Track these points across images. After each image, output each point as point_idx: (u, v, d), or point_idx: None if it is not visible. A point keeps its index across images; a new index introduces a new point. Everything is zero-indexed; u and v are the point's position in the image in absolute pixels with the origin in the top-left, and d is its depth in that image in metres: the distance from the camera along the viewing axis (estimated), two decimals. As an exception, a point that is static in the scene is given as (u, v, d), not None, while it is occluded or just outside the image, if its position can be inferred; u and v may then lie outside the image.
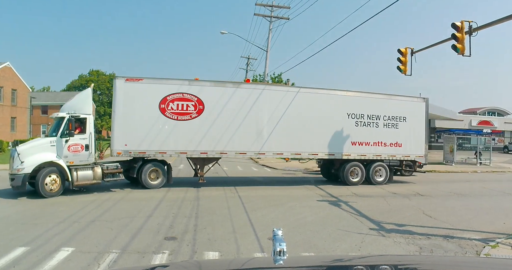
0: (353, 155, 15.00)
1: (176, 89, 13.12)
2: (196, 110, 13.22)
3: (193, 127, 13.13)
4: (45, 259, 5.91)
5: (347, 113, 14.97)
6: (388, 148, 15.49)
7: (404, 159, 16.09)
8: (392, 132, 15.54)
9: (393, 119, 15.62)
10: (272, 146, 13.98)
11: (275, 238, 1.79)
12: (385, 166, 15.71)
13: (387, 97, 15.85)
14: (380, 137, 15.34)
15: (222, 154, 13.65)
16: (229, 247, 6.80)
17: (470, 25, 10.40)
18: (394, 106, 15.68)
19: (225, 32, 29.93)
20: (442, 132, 34.65)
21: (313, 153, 14.64)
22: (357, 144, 15.00)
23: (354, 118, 15.04)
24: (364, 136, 15.10)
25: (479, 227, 8.82)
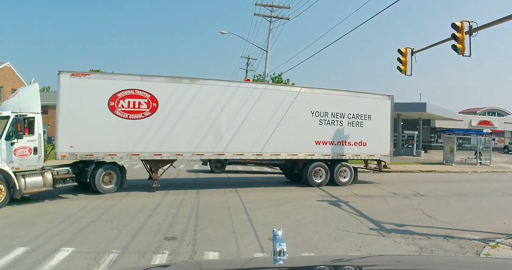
0: (317, 155, 14.37)
1: (127, 85, 12.00)
2: (149, 108, 12.16)
3: (146, 127, 12.11)
4: (45, 259, 5.91)
5: (311, 111, 14.29)
6: (352, 147, 14.97)
7: (369, 158, 15.78)
8: (357, 130, 15.04)
9: (358, 117, 15.08)
10: (233, 146, 13.15)
11: (275, 238, 1.79)
12: (349, 166, 15.28)
13: (352, 95, 15.26)
14: (344, 136, 14.83)
15: (178, 156, 12.75)
16: (229, 247, 6.80)
17: (470, 25, 10.40)
18: (359, 104, 15.15)
19: (225, 32, 29.92)
20: (442, 132, 34.59)
21: (275, 153, 13.85)
22: (321, 144, 14.39)
23: (318, 116, 14.39)
24: (328, 135, 14.52)
25: (479, 227, 8.83)
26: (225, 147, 13.04)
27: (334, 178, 14.83)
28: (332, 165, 14.91)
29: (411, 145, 35.66)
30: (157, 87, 12.29)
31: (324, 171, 14.73)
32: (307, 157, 14.29)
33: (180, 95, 12.48)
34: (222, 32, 29.82)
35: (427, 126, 42.82)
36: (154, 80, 12.37)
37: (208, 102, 12.82)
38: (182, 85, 12.65)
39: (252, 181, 16.55)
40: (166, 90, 12.40)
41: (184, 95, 12.53)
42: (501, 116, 53.38)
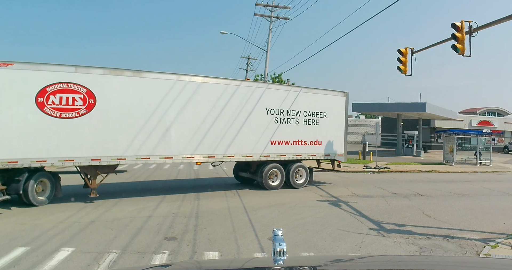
0: (272, 156, 13.43)
1: (58, 78, 10.06)
2: (85, 105, 10.25)
3: (82, 127, 10.23)
4: (45, 259, 5.92)
5: (266, 108, 13.22)
6: (308, 146, 14.21)
7: (324, 158, 15.16)
8: (312, 129, 14.30)
9: (313, 115, 14.32)
10: (182, 148, 11.66)
11: (275, 238, 1.79)
12: (305, 166, 14.53)
13: (308, 91, 14.40)
14: (300, 135, 14.00)
15: (119, 161, 10.90)
16: (229, 247, 6.80)
17: (470, 25, 10.41)
18: (314, 101, 14.41)
19: (225, 32, 29.93)
20: (442, 132, 34.60)
21: (229, 155, 12.54)
22: (277, 143, 13.45)
23: (274, 114, 13.39)
24: (284, 134, 13.61)
25: (479, 227, 8.83)
26: (174, 149, 11.52)
27: (290, 179, 14.03)
28: (288, 166, 14.05)
29: (411, 145, 35.65)
30: (95, 80, 10.46)
31: (280, 173, 13.82)
32: (262, 158, 13.25)
33: (122, 90, 10.82)
34: (222, 32, 29.85)
35: (427, 126, 42.83)
36: (90, 72, 10.45)
37: (154, 97, 11.23)
38: (124, 78, 10.88)
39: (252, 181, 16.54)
40: (106, 83, 10.61)
41: (127, 90, 10.88)
42: (501, 116, 53.38)
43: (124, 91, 10.88)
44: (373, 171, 21.56)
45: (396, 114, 36.30)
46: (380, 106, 38.69)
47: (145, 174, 17.36)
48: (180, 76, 11.77)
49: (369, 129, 59.29)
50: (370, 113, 53.27)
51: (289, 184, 14.05)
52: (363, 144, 30.41)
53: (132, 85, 11.02)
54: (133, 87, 11.03)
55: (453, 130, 31.65)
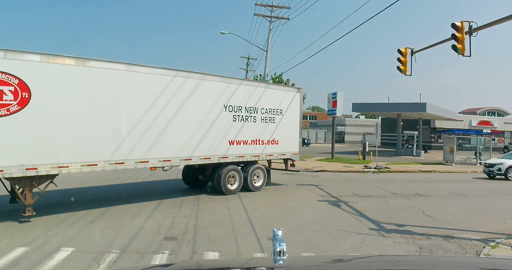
0: (231, 157, 12.36)
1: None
2: (17, 100, 8.16)
3: (12, 128, 8.10)
4: (45, 259, 5.92)
5: (225, 105, 12.08)
6: (265, 146, 13.40)
7: (281, 157, 14.46)
8: (269, 127, 13.52)
9: (270, 112, 13.55)
10: (135, 151, 9.92)
11: (275, 238, 1.79)
12: (263, 168, 13.71)
13: (264, 86, 13.71)
14: (258, 133, 13.13)
15: (60, 169, 8.78)
16: (229, 247, 6.80)
17: (470, 25, 10.40)
18: (271, 97, 13.63)
19: (225, 32, 29.92)
20: (442, 132, 34.61)
21: (186, 158, 11.11)
22: (235, 143, 12.41)
23: (232, 112, 12.29)
24: (242, 133, 12.64)
25: (479, 227, 8.83)
26: (126, 153, 9.76)
27: (248, 182, 13.02)
28: (245, 168, 13.16)
29: (411, 145, 35.66)
30: (30, 69, 8.39)
31: (238, 176, 12.75)
32: (221, 161, 12.09)
33: (64, 82, 8.84)
34: (222, 32, 29.83)
35: (427, 126, 42.83)
36: (24, 58, 8.35)
37: (102, 91, 9.40)
38: (66, 67, 8.87)
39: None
40: (43, 73, 8.59)
41: (70, 82, 8.93)
42: (501, 116, 53.38)
43: (66, 83, 8.87)
44: (373, 171, 21.56)
45: (396, 114, 36.30)
46: (380, 106, 38.70)
47: (145, 175, 17.37)
48: (131, 66, 9.90)
49: (369, 129, 59.32)
50: (370, 113, 53.27)
51: (246, 187, 13.01)
52: (363, 144, 30.41)
53: (77, 75, 9.03)
54: (78, 78, 9.04)
55: (453, 130, 31.65)
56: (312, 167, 22.87)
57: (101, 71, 9.42)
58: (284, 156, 14.41)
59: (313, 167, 22.87)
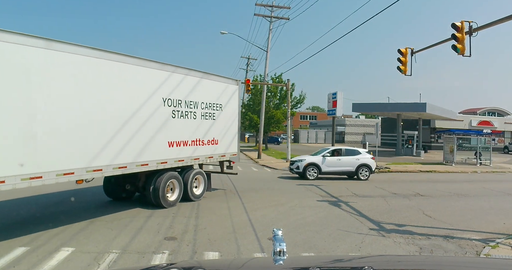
0: (170, 162, 10.18)
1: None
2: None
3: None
4: (45, 259, 5.92)
5: (163, 98, 9.88)
6: (206, 147, 11.62)
7: (221, 159, 12.84)
8: (209, 125, 11.74)
9: (210, 107, 11.75)
10: (55, 159, 7.20)
11: (275, 238, 1.79)
12: (203, 172, 11.96)
13: (204, 76, 11.55)
14: (198, 132, 11.27)
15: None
16: (229, 247, 6.80)
17: (470, 25, 10.40)
18: (211, 90, 11.82)
19: (225, 32, 29.93)
20: (442, 132, 34.61)
21: (120, 165, 8.61)
22: (175, 145, 10.31)
23: (171, 106, 10.17)
24: (182, 131, 10.61)
25: (479, 227, 8.83)
26: (41, 160, 6.95)
27: (188, 191, 10.97)
28: (183, 174, 11.13)
29: (411, 145, 35.66)
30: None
31: (178, 184, 10.70)
32: (159, 167, 9.85)
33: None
34: (222, 32, 29.85)
35: (427, 126, 42.83)
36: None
37: (13, 77, 6.57)
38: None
39: (252, 181, 16.53)
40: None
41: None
42: (501, 116, 53.38)
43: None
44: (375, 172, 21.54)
45: (396, 114, 36.31)
46: (380, 106, 38.70)
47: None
48: (51, 42, 7.12)
49: (369, 129, 59.32)
50: (370, 113, 53.25)
51: (186, 196, 10.94)
52: (363, 144, 30.42)
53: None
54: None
55: (453, 130, 31.65)
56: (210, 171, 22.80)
57: (8, 47, 6.46)
58: (223, 157, 12.77)
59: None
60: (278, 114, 37.94)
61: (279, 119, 38.37)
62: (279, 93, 39.06)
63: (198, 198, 11.39)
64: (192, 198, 11.12)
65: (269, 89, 37.25)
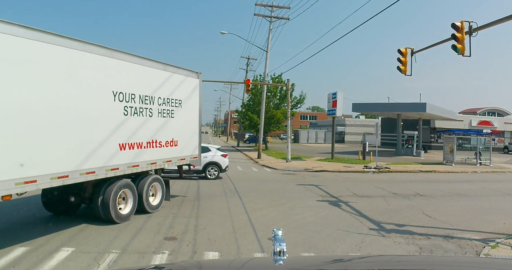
0: (123, 168, 8.54)
1: None
2: None
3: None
4: (45, 259, 5.92)
5: (114, 92, 8.24)
6: (164, 149, 10.03)
7: (181, 163, 11.24)
8: (168, 123, 10.19)
9: (169, 103, 10.22)
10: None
11: (275, 238, 1.79)
12: (160, 179, 10.26)
13: (162, 68, 10.03)
14: (155, 132, 9.70)
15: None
16: (229, 247, 6.80)
17: (470, 25, 10.41)
18: (169, 83, 10.29)
19: (225, 33, 29.93)
20: (442, 132, 34.62)
21: (60, 175, 6.95)
22: (128, 148, 8.66)
23: (123, 101, 8.51)
24: (136, 131, 9.01)
25: (479, 227, 8.84)
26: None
27: (143, 201, 9.30)
28: (138, 182, 9.44)
29: (411, 145, 35.65)
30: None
31: (131, 194, 8.99)
32: (109, 174, 8.17)
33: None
34: (222, 32, 29.85)
35: (427, 126, 42.83)
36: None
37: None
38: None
39: (252, 181, 16.55)
40: None
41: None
42: (501, 116, 53.39)
43: None
44: (373, 171, 21.56)
45: (396, 114, 36.31)
46: (380, 106, 38.70)
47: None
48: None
49: (369, 129, 59.33)
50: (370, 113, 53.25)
51: (141, 207, 9.31)
52: (363, 144, 30.42)
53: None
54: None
55: (453, 130, 31.64)
56: (312, 167, 22.89)
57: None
58: (183, 161, 11.15)
59: (313, 167, 22.89)
60: (278, 114, 37.94)
61: (279, 119, 38.38)
62: (279, 93, 39.06)
63: (155, 209, 9.71)
64: (148, 210, 9.44)
65: (269, 89, 37.24)
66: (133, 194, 9.06)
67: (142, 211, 9.34)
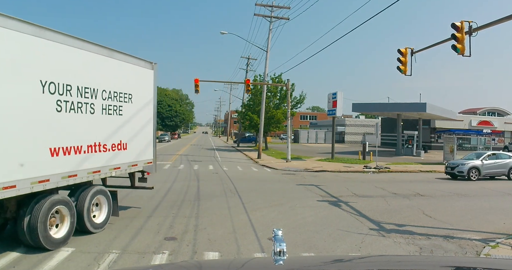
0: (55, 179, 6.66)
1: None
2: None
3: None
4: (45, 259, 5.93)
5: (42, 81, 6.41)
6: (110, 154, 8.21)
7: (132, 170, 9.33)
8: (114, 122, 8.39)
9: (116, 97, 8.40)
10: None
11: (275, 238, 1.79)
12: (106, 191, 8.25)
13: (108, 54, 8.21)
14: (98, 133, 7.86)
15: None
16: (229, 247, 6.80)
17: (470, 25, 10.41)
18: (116, 73, 8.56)
19: (225, 33, 29.94)
20: (442, 132, 34.67)
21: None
22: (62, 153, 6.81)
23: (55, 94, 6.64)
24: (74, 132, 7.13)
25: (479, 227, 8.84)
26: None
27: (84, 219, 7.32)
28: (76, 196, 7.46)
29: (411, 145, 35.67)
30: None
31: (68, 212, 6.92)
32: (36, 189, 6.30)
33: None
34: (222, 32, 29.86)
35: (427, 126, 42.84)
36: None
37: None
38: None
39: (252, 181, 16.55)
40: None
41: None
42: (501, 116, 53.41)
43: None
44: (373, 171, 21.56)
45: (396, 114, 36.32)
46: (380, 106, 38.72)
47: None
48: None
49: (369, 129, 59.34)
50: (370, 113, 53.26)
51: (82, 227, 7.33)
52: (363, 144, 30.43)
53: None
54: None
55: (453, 130, 31.70)
56: (312, 167, 22.89)
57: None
58: (135, 167, 9.32)
59: (313, 167, 22.89)
60: (278, 114, 37.95)
61: (279, 119, 38.38)
62: (279, 93, 39.06)
63: (100, 228, 7.74)
64: (90, 230, 7.46)
65: (269, 89, 37.23)
66: (70, 212, 6.97)
67: (83, 231, 7.39)
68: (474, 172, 18.85)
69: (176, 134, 79.20)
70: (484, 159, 19.21)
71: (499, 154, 20.46)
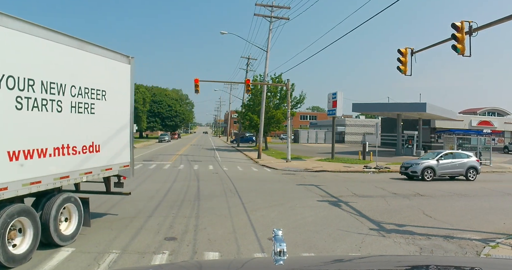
0: (15, 187, 5.81)
1: None
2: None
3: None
4: (45, 259, 5.93)
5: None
6: (80, 157, 7.37)
7: (107, 175, 8.47)
8: (85, 121, 7.56)
9: (87, 94, 7.56)
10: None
11: (275, 238, 1.79)
12: (76, 198, 7.34)
13: (77, 46, 7.35)
14: (66, 133, 7.03)
15: None
16: (229, 247, 6.80)
17: (470, 25, 10.40)
18: (88, 67, 7.75)
19: (225, 33, 29.94)
20: (442, 132, 34.65)
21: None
22: (23, 157, 5.97)
23: (15, 89, 5.81)
24: (37, 133, 6.36)
25: (479, 227, 8.83)
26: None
27: (50, 232, 6.47)
28: (42, 204, 6.67)
29: (411, 145, 35.66)
30: None
31: (31, 222, 6.10)
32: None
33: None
34: (222, 32, 29.86)
35: (427, 126, 42.84)
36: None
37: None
38: None
39: (252, 181, 16.55)
40: None
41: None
42: (501, 116, 53.40)
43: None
44: (373, 171, 21.56)
45: (396, 114, 36.31)
46: (380, 106, 38.71)
47: (145, 175, 17.37)
48: None
49: (369, 129, 59.33)
50: (370, 113, 53.26)
51: (48, 239, 6.51)
52: (363, 144, 30.42)
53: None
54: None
55: (453, 130, 31.68)
56: (312, 167, 22.89)
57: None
58: (110, 172, 8.46)
59: (313, 167, 22.89)
60: (278, 114, 37.94)
61: (279, 119, 38.38)
62: (279, 93, 39.05)
63: (69, 240, 6.90)
64: (58, 242, 6.61)
65: (269, 89, 37.23)
66: (33, 224, 6.15)
67: (50, 244, 6.58)
68: (429, 172, 18.00)
69: (176, 134, 79.21)
70: (440, 159, 18.38)
71: (457, 153, 19.59)
